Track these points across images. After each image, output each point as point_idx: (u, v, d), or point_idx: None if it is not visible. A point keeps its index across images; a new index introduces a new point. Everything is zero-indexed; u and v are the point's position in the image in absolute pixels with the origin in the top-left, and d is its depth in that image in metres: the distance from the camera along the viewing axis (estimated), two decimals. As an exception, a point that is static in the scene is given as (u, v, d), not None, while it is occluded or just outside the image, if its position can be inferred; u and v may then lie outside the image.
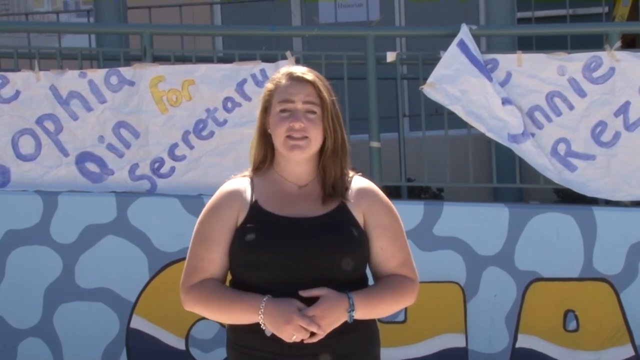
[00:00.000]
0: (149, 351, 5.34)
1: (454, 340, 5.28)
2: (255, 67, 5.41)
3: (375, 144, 5.58)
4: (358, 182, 2.68)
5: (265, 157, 2.66)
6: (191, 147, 5.46)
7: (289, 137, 2.58)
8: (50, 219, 5.38)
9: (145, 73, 5.45)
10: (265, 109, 2.66)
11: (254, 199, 2.61)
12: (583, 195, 5.39)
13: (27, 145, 5.48)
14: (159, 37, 6.04)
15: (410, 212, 5.32)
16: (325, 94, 2.62)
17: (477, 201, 6.03)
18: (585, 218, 5.25)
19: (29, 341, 5.39)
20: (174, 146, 5.47)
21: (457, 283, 5.28)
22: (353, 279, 2.56)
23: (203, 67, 5.49)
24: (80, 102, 5.46)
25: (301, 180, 2.64)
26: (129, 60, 6.03)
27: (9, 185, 5.48)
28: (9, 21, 9.37)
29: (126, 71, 5.48)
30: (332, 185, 2.61)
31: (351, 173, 2.69)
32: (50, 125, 5.47)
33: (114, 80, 5.47)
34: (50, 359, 5.39)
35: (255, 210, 2.59)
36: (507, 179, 5.94)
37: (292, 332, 2.43)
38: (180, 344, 5.34)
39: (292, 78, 2.63)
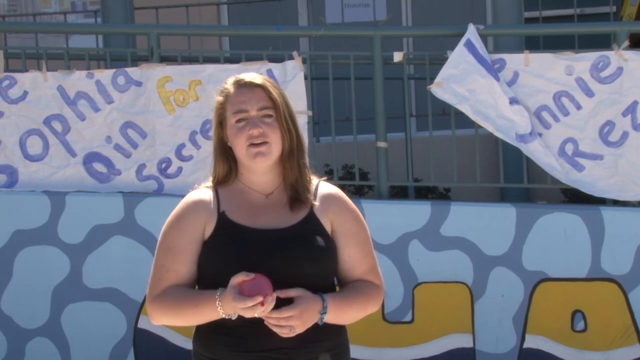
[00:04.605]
0: (156, 351, 5.34)
1: (462, 341, 5.28)
2: (262, 67, 5.41)
3: (382, 144, 5.58)
4: (324, 188, 2.65)
5: (230, 171, 2.62)
6: (198, 147, 5.46)
7: (250, 145, 2.54)
8: (58, 219, 5.39)
9: (153, 73, 5.46)
10: (220, 123, 2.61)
11: (221, 210, 2.57)
12: (590, 195, 5.38)
13: (34, 145, 5.49)
14: (166, 37, 6.05)
15: (417, 212, 5.32)
16: (275, 95, 2.57)
17: (484, 201, 6.03)
18: (592, 218, 5.23)
19: (37, 341, 5.41)
20: (181, 146, 5.47)
21: (464, 283, 5.28)
22: (322, 288, 2.54)
23: (210, 68, 5.49)
24: (88, 102, 5.47)
25: (267, 189, 2.60)
26: (136, 61, 6.04)
27: (17, 186, 5.49)
28: (16, 22, 9.40)
29: (133, 71, 5.49)
30: (293, 187, 2.58)
31: (316, 179, 2.66)
32: (57, 126, 5.48)
33: (121, 80, 5.48)
34: (57, 359, 5.41)
35: (223, 222, 2.55)
36: (515, 179, 5.93)
37: (245, 308, 2.38)
38: (187, 344, 5.34)
39: (241, 85, 2.59)
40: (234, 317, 2.44)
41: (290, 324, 2.43)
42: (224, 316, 2.45)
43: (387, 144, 5.60)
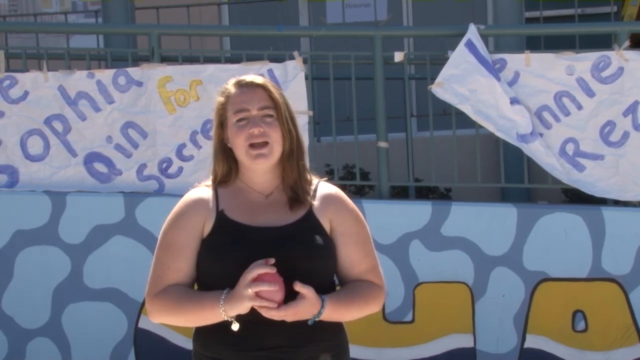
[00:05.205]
0: (157, 351, 5.34)
1: (462, 341, 5.28)
2: (262, 67, 5.41)
3: (382, 144, 5.58)
4: (324, 188, 2.65)
5: (230, 171, 2.63)
6: (199, 147, 5.46)
7: (250, 146, 2.55)
8: (59, 219, 5.39)
9: (153, 73, 5.46)
10: (221, 123, 2.62)
11: (220, 209, 2.57)
12: (591, 195, 5.38)
13: (35, 145, 5.49)
14: (166, 37, 6.05)
15: (418, 212, 5.32)
16: (276, 95, 2.59)
17: (485, 201, 6.02)
18: (593, 218, 5.23)
19: (38, 341, 5.41)
20: (182, 146, 5.47)
21: (465, 283, 5.28)
22: (322, 286, 2.53)
23: (211, 68, 5.50)
24: (89, 102, 5.47)
25: (267, 189, 2.61)
26: (137, 61, 6.04)
27: (18, 186, 5.50)
28: (17, 22, 9.41)
29: (134, 72, 5.49)
30: (292, 188, 2.59)
31: (315, 180, 2.67)
32: (58, 126, 5.48)
33: (122, 80, 5.48)
34: (58, 358, 5.41)
35: (222, 220, 2.56)
36: (515, 179, 5.93)
37: (247, 306, 2.40)
38: (187, 344, 5.32)
39: (242, 86, 2.60)
40: (235, 328, 2.44)
41: (282, 318, 2.44)
42: (224, 317, 2.45)
43: (387, 144, 5.60)
